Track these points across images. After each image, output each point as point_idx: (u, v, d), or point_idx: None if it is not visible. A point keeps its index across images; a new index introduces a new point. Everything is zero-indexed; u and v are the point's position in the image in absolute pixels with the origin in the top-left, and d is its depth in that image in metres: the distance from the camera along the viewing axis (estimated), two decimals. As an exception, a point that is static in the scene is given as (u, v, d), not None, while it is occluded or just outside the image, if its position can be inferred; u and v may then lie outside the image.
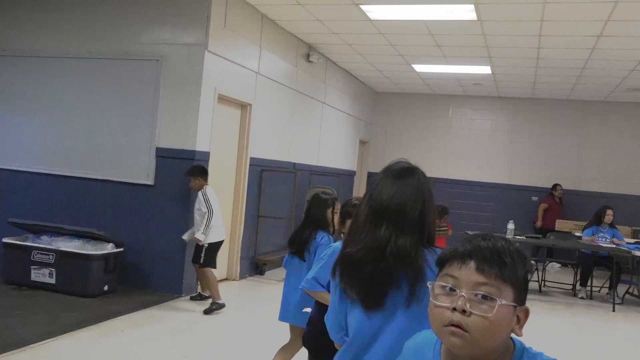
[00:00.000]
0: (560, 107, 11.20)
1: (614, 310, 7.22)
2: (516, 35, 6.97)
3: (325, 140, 9.52)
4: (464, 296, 1.08)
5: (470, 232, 8.33)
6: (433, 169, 11.83)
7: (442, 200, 11.46)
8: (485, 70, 9.09)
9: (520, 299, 1.12)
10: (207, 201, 5.53)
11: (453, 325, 1.08)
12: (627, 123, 10.86)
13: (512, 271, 1.11)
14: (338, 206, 3.49)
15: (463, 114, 11.82)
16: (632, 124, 10.83)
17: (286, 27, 7.54)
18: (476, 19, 6.40)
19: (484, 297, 1.08)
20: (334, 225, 3.49)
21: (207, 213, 5.50)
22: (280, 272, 7.65)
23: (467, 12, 6.22)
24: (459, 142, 11.78)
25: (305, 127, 8.68)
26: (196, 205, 5.61)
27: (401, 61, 8.97)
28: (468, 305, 1.08)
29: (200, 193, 5.58)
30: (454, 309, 1.08)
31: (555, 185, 10.63)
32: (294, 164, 8.25)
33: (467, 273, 1.11)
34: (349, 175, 10.99)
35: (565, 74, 8.86)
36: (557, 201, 10.58)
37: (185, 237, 5.77)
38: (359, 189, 11.95)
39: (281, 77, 7.66)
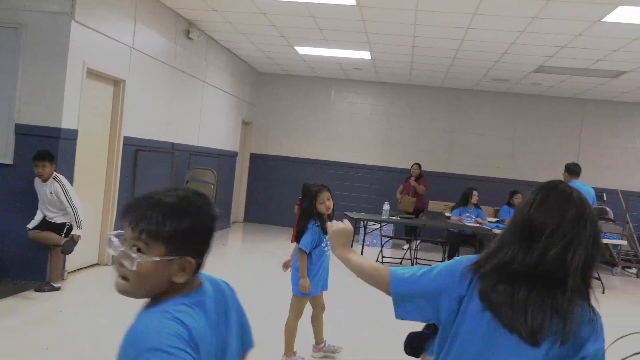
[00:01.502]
0: (434, 93, 11.81)
1: (476, 284, 7.81)
2: (393, 22, 7.20)
3: (206, 120, 9.30)
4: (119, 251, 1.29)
5: (349, 214, 8.53)
6: (315, 151, 12.03)
7: (324, 181, 11.64)
8: (365, 55, 9.33)
9: (170, 252, 1.25)
10: (69, 196, 5.29)
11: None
12: (493, 111, 11.70)
13: (148, 224, 1.25)
14: (324, 195, 4.06)
15: (344, 98, 12.09)
16: (497, 111, 11.69)
17: (163, 0, 7.22)
18: (355, 4, 6.52)
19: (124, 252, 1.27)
20: (318, 213, 4.05)
21: (73, 209, 5.32)
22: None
23: (346, -3, 6.32)
24: (340, 125, 12.04)
25: (185, 106, 8.42)
26: (53, 196, 5.32)
27: (284, 42, 8.95)
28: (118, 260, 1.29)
29: (58, 183, 5.29)
30: None
31: (412, 165, 10.65)
32: (173, 144, 7.99)
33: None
34: (231, 156, 10.86)
35: (439, 62, 9.33)
36: (413, 179, 10.40)
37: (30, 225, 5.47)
38: (241, 170, 11.85)
39: (158, 53, 7.34)
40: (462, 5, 6.19)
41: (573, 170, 7.28)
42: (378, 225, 8.95)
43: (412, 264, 8.62)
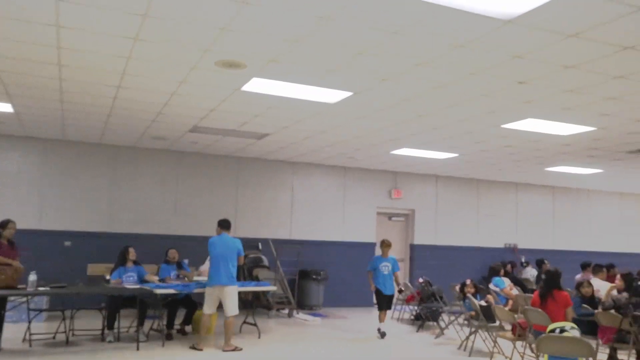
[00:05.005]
0: (92, 150, 11.27)
1: (138, 349, 7.51)
2: (36, 75, 6.64)
3: None
4: None
5: None
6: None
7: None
8: (7, 108, 8.37)
9: None
10: None
11: None
12: (155, 168, 11.74)
13: None
14: None
15: (-16, 154, 10.59)
16: (159, 168, 11.78)
17: None
18: (-15, 52, 5.80)
19: None
20: None
21: None
22: None
23: (-29, 44, 5.56)
24: (-21, 184, 10.46)
25: None
26: None
27: None
28: None
29: None
30: None
31: (6, 223, 7.60)
32: None
33: None
34: None
35: (93, 118, 8.95)
36: (6, 242, 7.54)
37: None
38: None
39: None
40: (109, 63, 6.06)
41: (223, 225, 8.19)
42: (25, 299, 7.87)
43: (67, 338, 7.83)
